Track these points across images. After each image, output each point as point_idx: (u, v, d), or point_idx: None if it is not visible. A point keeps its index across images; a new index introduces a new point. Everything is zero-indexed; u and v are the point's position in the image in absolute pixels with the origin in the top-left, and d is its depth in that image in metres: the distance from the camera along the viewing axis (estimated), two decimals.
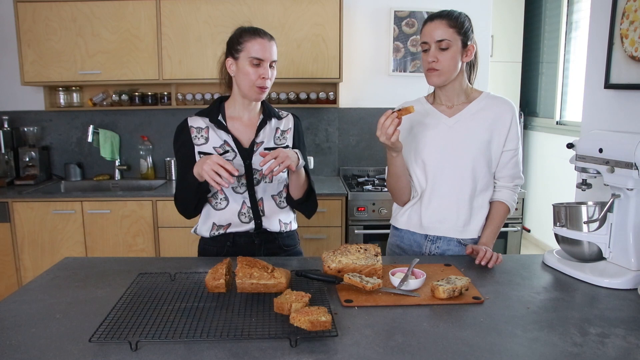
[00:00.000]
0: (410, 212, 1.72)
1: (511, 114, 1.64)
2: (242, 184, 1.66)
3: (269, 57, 1.59)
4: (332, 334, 1.07)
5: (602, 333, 1.11)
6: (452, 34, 1.55)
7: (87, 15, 3.04)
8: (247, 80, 1.59)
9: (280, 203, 1.72)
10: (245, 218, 1.68)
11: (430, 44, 1.57)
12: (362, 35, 3.46)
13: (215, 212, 1.69)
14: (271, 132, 1.70)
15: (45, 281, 1.42)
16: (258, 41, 1.58)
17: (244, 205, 1.67)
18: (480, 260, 1.53)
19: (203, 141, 1.66)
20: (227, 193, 1.67)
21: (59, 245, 2.98)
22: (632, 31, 1.68)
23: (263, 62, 1.58)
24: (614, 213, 1.44)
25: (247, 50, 1.58)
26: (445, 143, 1.64)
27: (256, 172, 1.66)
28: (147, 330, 1.09)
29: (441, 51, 1.56)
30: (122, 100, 3.34)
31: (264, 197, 1.69)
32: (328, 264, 1.39)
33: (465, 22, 1.58)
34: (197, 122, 1.68)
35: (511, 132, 1.64)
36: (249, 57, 1.57)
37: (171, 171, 3.45)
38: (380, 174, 3.48)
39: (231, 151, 1.65)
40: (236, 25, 1.70)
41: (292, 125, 1.75)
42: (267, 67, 1.59)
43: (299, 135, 1.77)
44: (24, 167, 3.34)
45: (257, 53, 1.57)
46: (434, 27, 1.56)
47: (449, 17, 1.56)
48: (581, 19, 4.07)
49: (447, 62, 1.56)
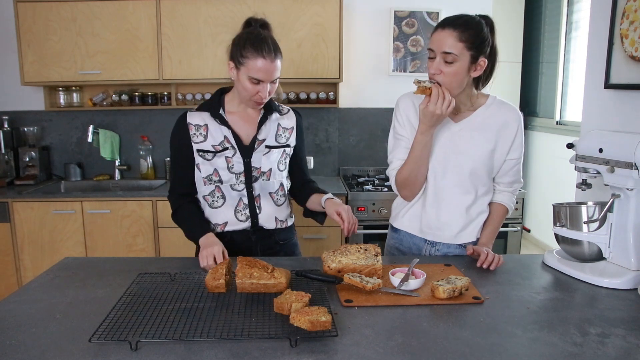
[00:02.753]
0: (410, 215, 1.69)
1: (517, 123, 1.60)
2: (240, 181, 1.66)
3: (269, 79, 1.54)
4: (332, 334, 1.07)
5: (602, 333, 1.11)
6: (461, 49, 1.43)
7: (87, 15, 3.04)
8: (245, 93, 1.57)
9: (277, 200, 1.72)
10: (241, 216, 1.68)
11: (436, 53, 1.46)
12: (362, 35, 3.45)
13: (212, 211, 1.69)
14: (272, 128, 1.69)
15: (45, 281, 1.42)
16: (260, 61, 1.50)
17: (240, 202, 1.67)
18: (481, 264, 1.53)
19: (202, 139, 1.65)
20: (224, 190, 1.67)
21: (59, 245, 2.98)
22: (632, 31, 1.68)
23: (263, 82, 1.54)
24: (614, 213, 1.44)
25: (248, 68, 1.52)
26: (448, 149, 1.60)
27: (254, 170, 1.66)
28: (147, 330, 1.09)
29: (446, 64, 1.45)
30: (122, 100, 3.34)
31: (261, 195, 1.69)
32: (328, 264, 1.39)
33: (480, 33, 1.46)
34: (195, 119, 1.66)
35: (516, 142, 1.61)
36: (248, 75, 1.52)
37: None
38: (380, 174, 3.48)
39: (230, 148, 1.64)
40: (236, 25, 1.68)
41: (295, 124, 1.74)
42: (266, 86, 1.55)
43: (301, 134, 1.77)
44: (24, 167, 3.34)
45: (258, 74, 1.52)
46: (443, 36, 1.44)
47: (461, 29, 1.43)
48: (581, 19, 4.06)
49: (449, 78, 1.46)
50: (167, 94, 3.37)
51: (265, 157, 1.67)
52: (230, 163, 1.64)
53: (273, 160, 1.69)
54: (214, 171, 1.65)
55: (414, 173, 1.59)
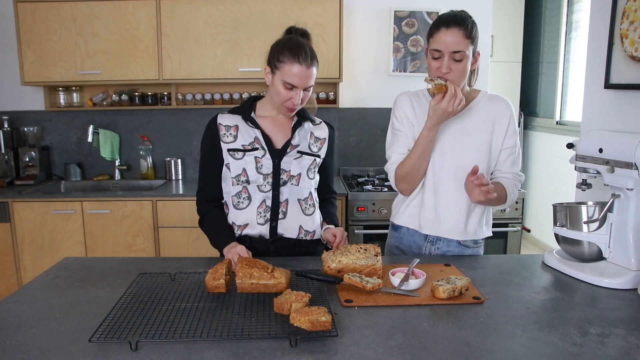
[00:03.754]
0: (410, 210, 1.71)
1: (509, 112, 1.64)
2: (267, 182, 1.63)
3: (303, 85, 1.56)
4: (332, 334, 1.07)
5: (602, 333, 1.11)
6: (467, 45, 1.49)
7: (87, 15, 3.04)
8: (277, 97, 1.58)
9: (305, 209, 1.68)
10: (260, 218, 1.63)
11: (444, 53, 1.50)
12: (362, 35, 3.46)
13: (236, 212, 1.66)
14: (305, 135, 1.69)
15: (45, 281, 1.42)
16: (296, 67, 1.52)
17: (262, 204, 1.63)
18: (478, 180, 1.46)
19: (232, 139, 1.65)
20: (251, 192, 1.64)
21: (59, 245, 2.98)
22: (632, 31, 1.68)
23: (296, 88, 1.55)
24: (614, 213, 1.44)
25: (283, 73, 1.54)
26: (444, 142, 1.63)
27: (283, 173, 1.64)
28: (147, 330, 1.09)
29: (455, 62, 1.50)
30: (122, 100, 3.34)
31: (289, 200, 1.65)
32: (328, 264, 1.39)
33: (476, 27, 1.53)
34: (226, 120, 1.67)
35: (509, 130, 1.64)
36: (282, 79, 1.54)
37: (171, 171, 3.45)
38: (380, 174, 3.48)
39: (260, 149, 1.63)
40: (236, 25, 1.69)
41: (327, 136, 1.74)
42: (299, 92, 1.56)
43: (331, 146, 1.76)
44: (24, 167, 3.34)
45: (292, 80, 1.53)
46: (451, 36, 1.48)
47: (465, 26, 1.49)
48: (581, 19, 4.07)
49: (459, 74, 1.51)
50: (167, 94, 3.37)
51: (297, 161, 1.65)
52: (259, 163, 1.63)
53: (304, 166, 1.66)
54: (243, 171, 1.63)
55: (415, 167, 1.62)
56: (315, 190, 1.75)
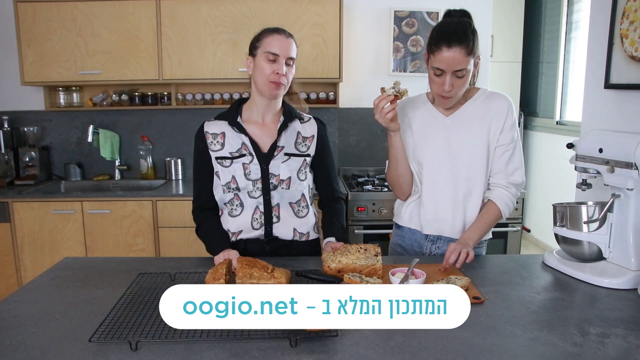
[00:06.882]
0: (411, 210, 1.72)
1: (507, 108, 1.60)
2: (257, 188, 1.63)
3: (285, 54, 1.56)
4: (332, 334, 1.07)
5: (602, 333, 1.11)
6: (469, 61, 1.48)
7: (87, 15, 3.04)
8: (261, 75, 1.57)
9: (298, 212, 1.68)
10: (256, 224, 1.64)
11: (446, 72, 1.49)
12: (362, 35, 3.46)
13: (230, 219, 1.66)
14: (292, 136, 1.67)
15: (45, 281, 1.42)
16: (275, 37, 1.57)
17: (256, 210, 1.64)
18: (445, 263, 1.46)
19: (219, 147, 1.64)
20: (242, 198, 1.64)
21: (59, 245, 2.98)
22: (632, 31, 1.68)
23: (279, 58, 1.55)
24: (614, 213, 1.44)
25: (264, 46, 1.57)
26: (441, 142, 1.63)
27: (272, 177, 1.63)
28: (147, 330, 1.09)
29: (457, 78, 1.50)
30: (122, 100, 3.34)
31: (280, 204, 1.65)
32: (328, 264, 1.39)
33: (476, 37, 1.50)
34: (212, 128, 1.66)
35: (505, 126, 1.60)
36: (264, 52, 1.56)
37: (171, 171, 3.45)
38: (380, 174, 3.48)
39: (248, 154, 1.63)
40: (236, 25, 1.69)
41: (316, 132, 1.71)
42: (282, 63, 1.56)
43: (323, 142, 1.72)
44: (24, 167, 3.34)
45: (273, 48, 1.55)
46: (453, 56, 1.46)
47: (467, 43, 1.46)
48: (581, 19, 4.07)
49: (461, 88, 1.52)
50: (167, 94, 3.37)
51: (285, 164, 1.64)
52: (247, 169, 1.62)
53: (293, 169, 1.65)
54: (232, 178, 1.63)
55: (395, 173, 1.69)
56: (310, 190, 1.74)
